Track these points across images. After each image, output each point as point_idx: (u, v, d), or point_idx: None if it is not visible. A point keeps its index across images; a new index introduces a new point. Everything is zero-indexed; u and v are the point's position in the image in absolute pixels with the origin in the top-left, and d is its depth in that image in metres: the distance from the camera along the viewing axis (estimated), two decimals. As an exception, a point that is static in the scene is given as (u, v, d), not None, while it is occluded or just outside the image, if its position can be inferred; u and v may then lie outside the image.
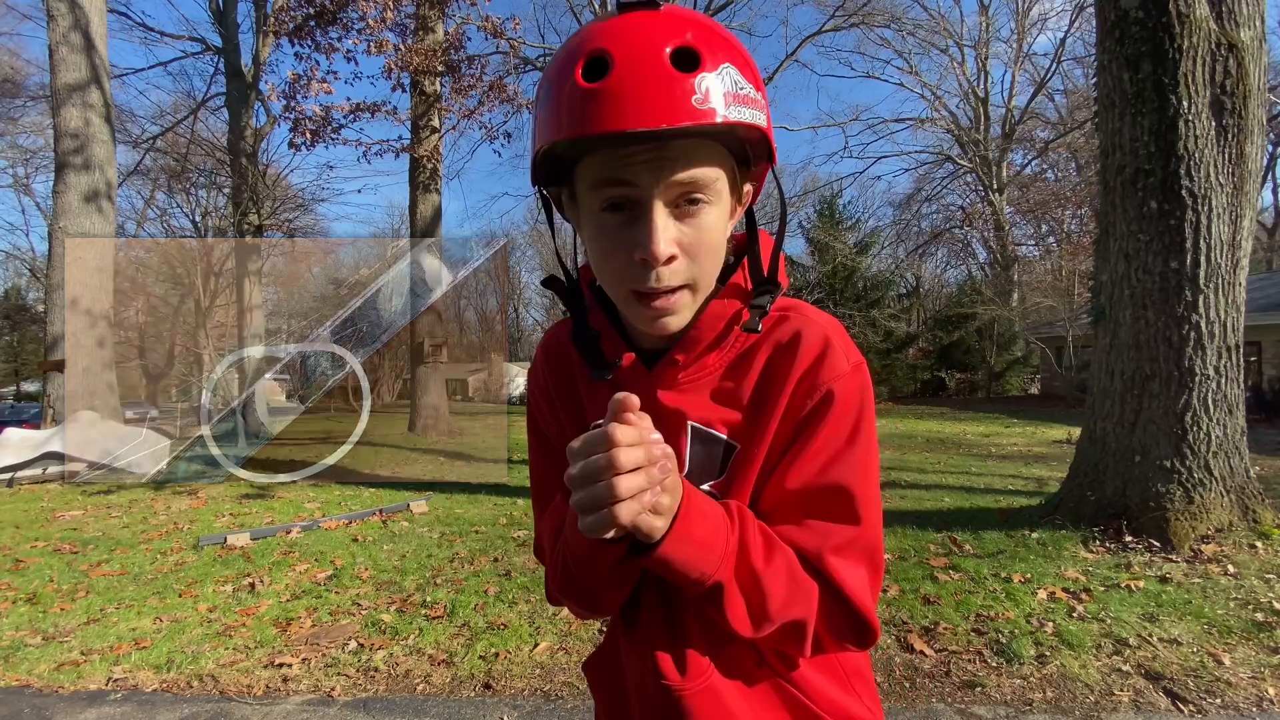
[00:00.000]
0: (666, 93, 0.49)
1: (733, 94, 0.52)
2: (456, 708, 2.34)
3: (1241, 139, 3.58)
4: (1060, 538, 3.75)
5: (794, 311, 0.65)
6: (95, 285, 9.49)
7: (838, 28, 21.43)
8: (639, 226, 0.55)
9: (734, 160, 0.59)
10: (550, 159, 0.58)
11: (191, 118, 20.08)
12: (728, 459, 0.63)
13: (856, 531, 0.60)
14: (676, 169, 0.54)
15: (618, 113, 0.49)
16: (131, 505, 6.01)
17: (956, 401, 22.31)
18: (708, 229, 0.57)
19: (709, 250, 0.58)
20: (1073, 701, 2.24)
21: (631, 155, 0.53)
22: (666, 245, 0.55)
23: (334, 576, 3.77)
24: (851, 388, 0.61)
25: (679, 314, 0.59)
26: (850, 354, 0.62)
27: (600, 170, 0.55)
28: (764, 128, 0.56)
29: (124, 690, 2.54)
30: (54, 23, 9.25)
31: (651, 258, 0.54)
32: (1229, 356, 3.61)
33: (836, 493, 0.60)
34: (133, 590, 3.61)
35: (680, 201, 0.56)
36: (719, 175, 0.57)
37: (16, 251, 34.51)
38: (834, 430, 0.60)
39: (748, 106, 0.53)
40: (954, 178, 29.49)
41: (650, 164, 0.54)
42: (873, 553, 0.61)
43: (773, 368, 0.63)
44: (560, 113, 0.52)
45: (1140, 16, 3.66)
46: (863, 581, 0.60)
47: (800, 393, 0.61)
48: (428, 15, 10.59)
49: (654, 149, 0.53)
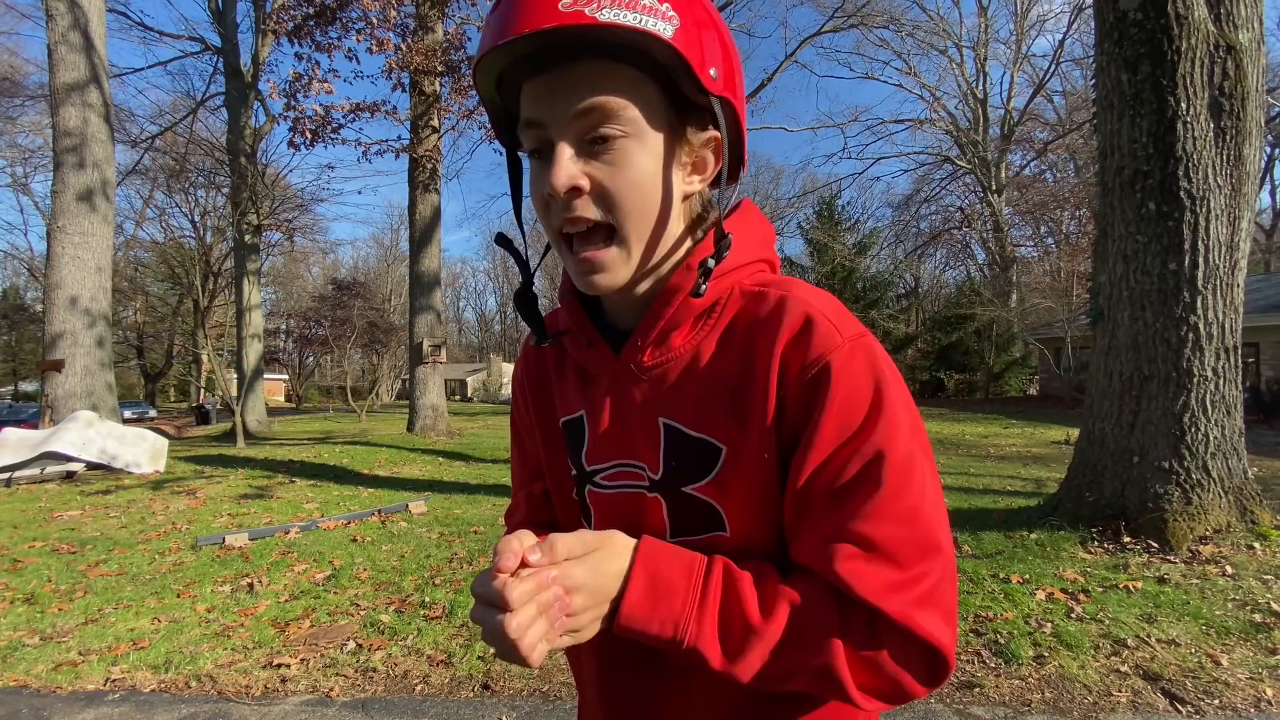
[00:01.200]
0: (537, 1, 0.48)
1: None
2: (455, 708, 2.34)
3: (1240, 140, 3.59)
4: (1058, 538, 3.76)
5: (776, 286, 0.57)
6: (94, 285, 9.49)
7: (837, 29, 21.45)
8: (549, 165, 0.53)
9: (660, 90, 0.53)
10: (506, 113, 0.58)
11: (190, 117, 20.07)
12: (714, 459, 0.56)
13: (897, 531, 0.49)
14: (573, 98, 0.51)
15: (495, 30, 0.49)
16: (130, 505, 6.00)
17: (955, 402, 22.34)
18: (623, 166, 0.52)
19: (629, 190, 0.53)
20: (1071, 702, 2.24)
21: (536, 92, 0.52)
22: (566, 177, 0.51)
23: (332, 577, 3.76)
24: (854, 360, 0.52)
25: (609, 271, 0.55)
26: (845, 325, 0.54)
27: (522, 113, 0.54)
28: (659, 35, 0.49)
29: (122, 690, 2.53)
30: (53, 22, 9.24)
31: (551, 188, 0.51)
32: (1227, 357, 3.62)
33: (859, 487, 0.50)
34: (131, 590, 3.60)
35: (590, 137, 0.52)
36: (626, 105, 0.52)
37: (15, 251, 34.53)
38: (840, 412, 0.51)
39: (633, 10, 0.48)
40: (953, 179, 29.55)
41: (548, 96, 0.52)
42: (926, 548, 0.49)
43: (751, 347, 0.55)
44: (481, 38, 0.53)
45: (1139, 18, 3.67)
46: (903, 590, 0.48)
47: (790, 376, 0.53)
48: (428, 15, 10.59)
49: (551, 79, 0.51)
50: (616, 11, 0.47)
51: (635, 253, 0.56)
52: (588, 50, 0.50)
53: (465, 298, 70.22)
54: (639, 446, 0.60)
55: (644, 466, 0.60)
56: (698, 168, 0.59)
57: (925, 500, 0.51)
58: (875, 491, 0.49)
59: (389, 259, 52.05)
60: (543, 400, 0.71)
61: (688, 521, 0.59)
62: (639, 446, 0.60)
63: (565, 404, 0.67)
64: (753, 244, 0.60)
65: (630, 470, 0.61)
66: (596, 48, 0.50)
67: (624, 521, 0.60)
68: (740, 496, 0.56)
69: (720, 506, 0.57)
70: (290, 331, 31.99)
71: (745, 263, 0.59)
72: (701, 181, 0.59)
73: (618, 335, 0.62)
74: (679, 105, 0.55)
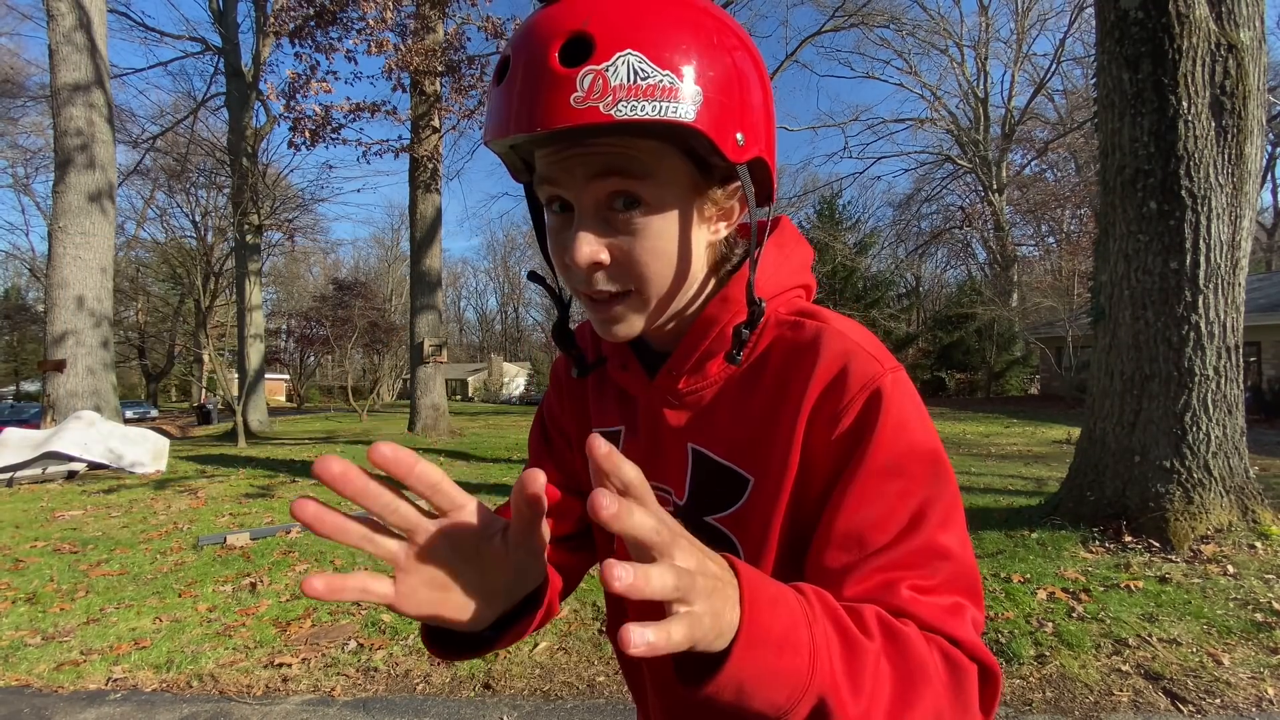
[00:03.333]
0: (548, 93, 0.46)
1: (628, 86, 0.45)
2: (456, 708, 2.34)
3: (1241, 139, 3.58)
4: (1060, 538, 3.76)
5: (812, 317, 0.56)
6: (96, 285, 9.50)
7: (837, 28, 21.43)
8: (570, 229, 0.52)
9: (684, 156, 0.52)
10: (522, 160, 0.58)
11: (191, 118, 20.13)
12: (740, 490, 0.55)
13: (940, 575, 0.48)
14: (590, 170, 0.50)
15: (506, 118, 0.48)
16: (131, 505, 6.01)
17: (956, 401, 22.33)
18: (645, 236, 0.51)
19: (651, 259, 0.52)
20: (1072, 702, 2.24)
21: (556, 154, 0.51)
22: (588, 252, 0.51)
23: (334, 576, 3.77)
24: (897, 393, 0.51)
25: (625, 321, 0.55)
26: (884, 358, 0.52)
27: (540, 168, 0.53)
28: (680, 122, 0.47)
29: (124, 690, 2.54)
30: (54, 22, 9.26)
31: (572, 264, 0.51)
32: (1228, 357, 3.61)
33: (908, 534, 0.48)
34: (132, 590, 3.61)
35: (613, 204, 0.51)
36: (647, 176, 0.50)
37: (16, 251, 34.59)
38: (885, 452, 0.49)
39: (650, 99, 0.46)
40: (954, 178, 29.54)
41: (569, 163, 0.51)
42: (972, 583, 0.50)
43: (787, 380, 0.54)
44: (487, 115, 0.52)
45: (1140, 17, 3.66)
46: (967, 620, 0.48)
47: (826, 411, 0.51)
48: (428, 15, 10.59)
49: (571, 148, 0.50)
50: (633, 104, 0.45)
51: (655, 306, 0.56)
52: (606, 131, 0.48)
53: (466, 297, 70.33)
54: (668, 470, 0.60)
55: (670, 491, 0.60)
56: (724, 216, 0.57)
57: (964, 532, 0.51)
58: (921, 535, 0.48)
59: (390, 259, 52.13)
60: (578, 409, 0.71)
61: None
62: (668, 470, 0.60)
63: (603, 417, 0.68)
64: (790, 270, 0.60)
65: (655, 493, 0.61)
66: (615, 130, 0.48)
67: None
68: (757, 533, 0.55)
69: (738, 541, 0.56)
70: (291, 331, 32.05)
71: (782, 290, 0.58)
72: (728, 228, 0.58)
73: (653, 356, 0.63)
74: (703, 166, 0.53)
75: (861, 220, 28.15)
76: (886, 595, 0.46)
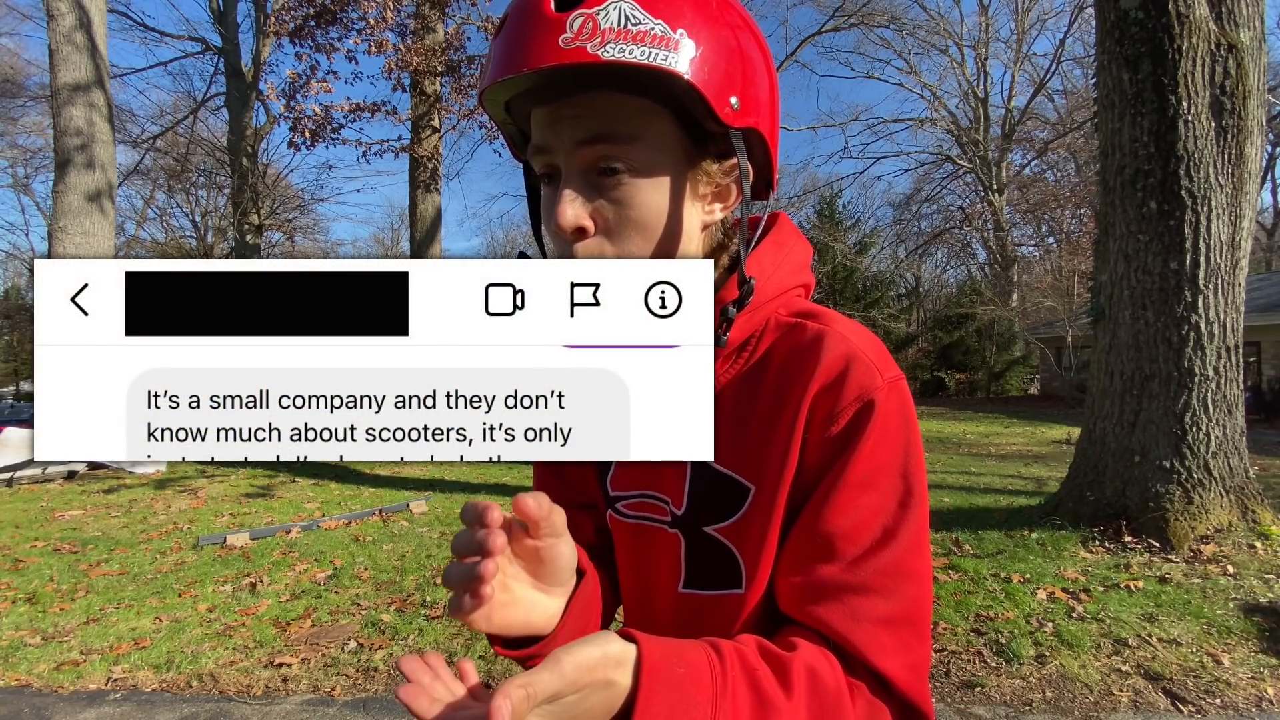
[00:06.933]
0: (537, 35, 0.45)
1: (618, 30, 0.44)
2: (456, 707, 2.34)
3: (1241, 139, 3.59)
4: (1060, 538, 3.76)
5: (813, 318, 0.54)
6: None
7: (838, 28, 21.46)
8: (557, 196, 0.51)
9: (675, 120, 0.50)
10: (520, 133, 0.57)
11: (191, 118, 20.13)
12: (741, 500, 0.53)
13: (899, 597, 0.48)
14: (577, 130, 0.49)
15: (495, 64, 0.48)
16: (131, 505, 6.01)
17: (956, 401, 22.33)
18: (629, 205, 0.50)
19: (636, 229, 0.50)
20: (1072, 702, 2.24)
21: (546, 119, 0.51)
22: (571, 214, 0.49)
23: (334, 576, 3.77)
24: (890, 406, 0.49)
25: None
26: (885, 367, 0.51)
27: (534, 136, 0.53)
28: (670, 70, 0.45)
29: (123, 690, 2.54)
30: (54, 22, 9.26)
31: (555, 227, 0.50)
32: (1228, 357, 3.61)
33: (876, 549, 0.48)
34: (132, 590, 3.60)
35: (599, 169, 0.50)
36: (634, 138, 0.49)
37: (17, 251, 34.57)
38: (866, 464, 0.49)
39: (640, 44, 0.44)
40: (954, 178, 29.50)
41: (556, 126, 0.50)
42: (921, 623, 0.49)
43: (787, 383, 0.52)
44: (482, 69, 0.53)
45: (1140, 17, 3.67)
46: (910, 660, 0.47)
47: (822, 412, 0.50)
48: (428, 15, 10.59)
49: (558, 109, 0.49)
50: (622, 47, 0.44)
51: None
52: (594, 82, 0.48)
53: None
54: (666, 479, 0.59)
55: (667, 500, 0.59)
56: (719, 196, 0.56)
57: (929, 556, 0.51)
58: (889, 552, 0.48)
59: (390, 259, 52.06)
60: None
61: (703, 567, 0.56)
62: (666, 479, 0.59)
63: None
64: (790, 269, 0.58)
65: (653, 502, 0.60)
66: (603, 79, 0.48)
67: (640, 556, 0.60)
68: (756, 543, 0.53)
69: (738, 552, 0.54)
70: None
71: (781, 291, 0.56)
72: (724, 210, 0.56)
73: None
74: (697, 134, 0.51)
75: (861, 220, 28.10)
76: (838, 623, 0.47)
